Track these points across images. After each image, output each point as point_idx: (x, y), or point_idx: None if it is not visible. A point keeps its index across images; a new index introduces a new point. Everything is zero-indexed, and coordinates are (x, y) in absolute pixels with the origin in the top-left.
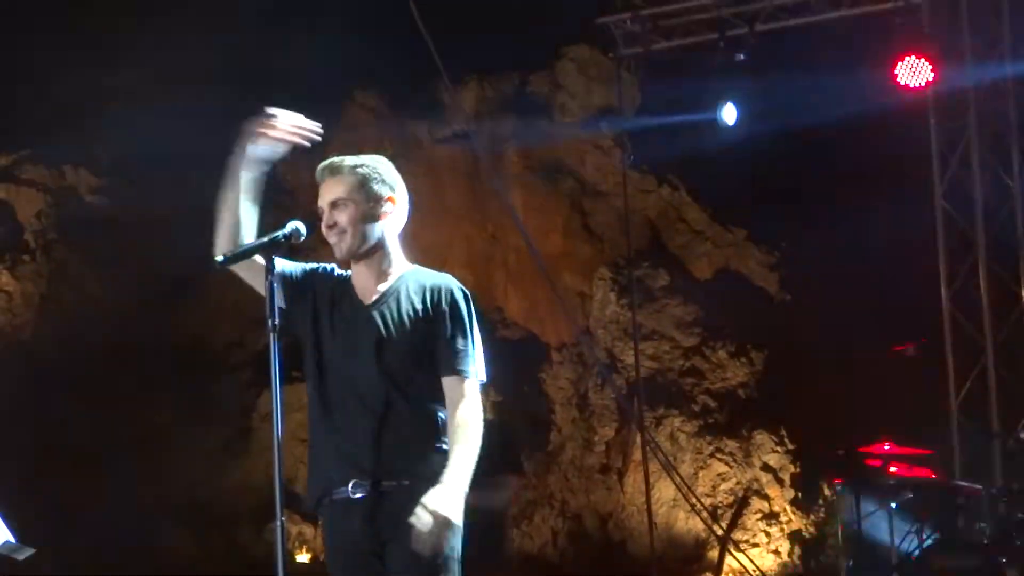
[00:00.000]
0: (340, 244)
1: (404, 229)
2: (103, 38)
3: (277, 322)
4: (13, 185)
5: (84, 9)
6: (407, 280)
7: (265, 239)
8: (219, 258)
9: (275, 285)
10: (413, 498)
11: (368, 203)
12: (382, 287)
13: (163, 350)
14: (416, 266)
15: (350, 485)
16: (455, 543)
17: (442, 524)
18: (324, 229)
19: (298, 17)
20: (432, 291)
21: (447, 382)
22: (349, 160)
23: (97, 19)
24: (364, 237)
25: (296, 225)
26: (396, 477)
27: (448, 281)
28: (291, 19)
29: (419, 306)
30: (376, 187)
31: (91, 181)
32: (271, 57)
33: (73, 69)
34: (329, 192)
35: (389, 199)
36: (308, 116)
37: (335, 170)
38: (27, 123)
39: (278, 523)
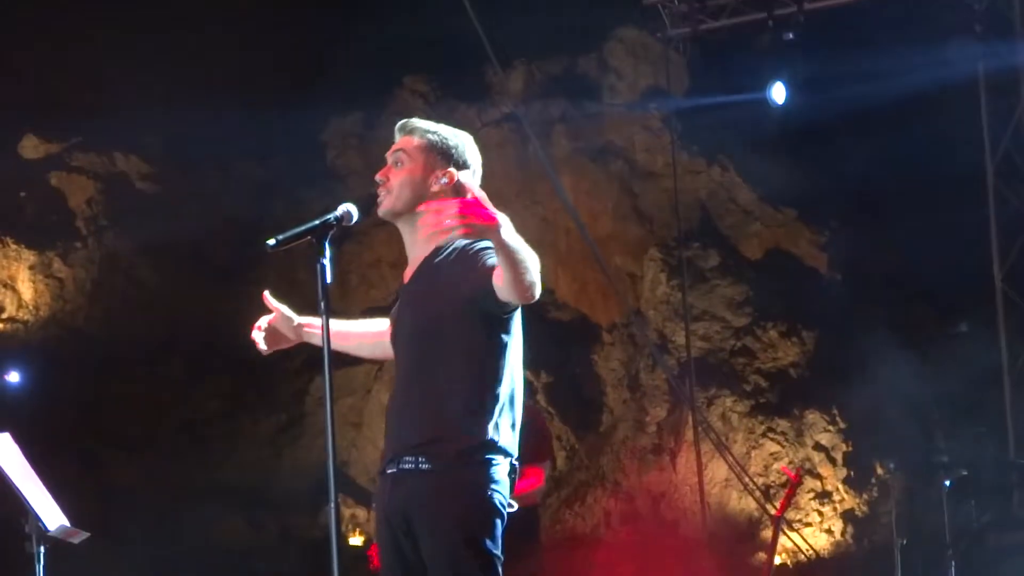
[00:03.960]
0: (383, 200)
1: None
2: (154, 26)
3: (329, 304)
4: (64, 172)
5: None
6: (446, 249)
7: (317, 221)
8: (270, 242)
9: (327, 267)
10: (429, 485)
11: (423, 171)
12: (424, 257)
13: (214, 336)
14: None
15: (387, 459)
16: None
17: None
18: (377, 178)
19: (347, 3)
20: (466, 246)
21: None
22: (424, 125)
23: (147, 8)
24: (407, 202)
25: (348, 207)
26: (420, 457)
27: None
28: (340, 5)
29: (454, 268)
30: (436, 157)
31: (142, 168)
32: (320, 44)
33: (122, 56)
34: (394, 146)
35: (446, 174)
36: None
37: (407, 129)
38: (78, 110)
39: (332, 505)
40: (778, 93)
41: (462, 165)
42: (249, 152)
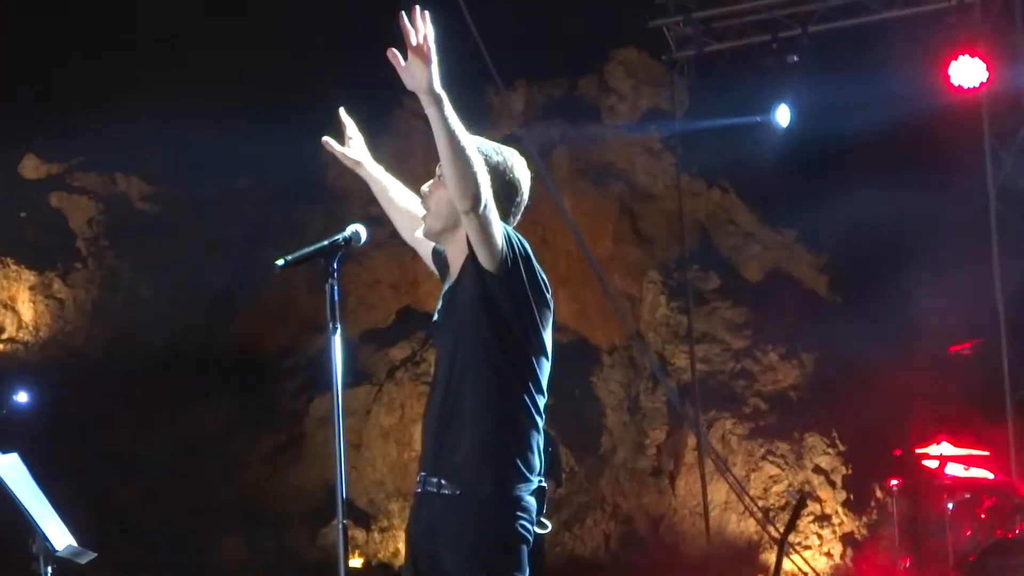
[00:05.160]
0: (424, 219)
1: None
2: (154, 47)
3: (338, 325)
4: (65, 193)
5: (134, 22)
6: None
7: (326, 242)
8: (280, 262)
9: (336, 287)
10: (452, 510)
11: None
12: (456, 273)
13: (214, 356)
14: None
15: (419, 475)
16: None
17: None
18: (422, 189)
19: (348, 23)
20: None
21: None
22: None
23: (148, 29)
24: (444, 220)
25: (356, 228)
26: (441, 479)
27: None
28: (341, 25)
29: (475, 285)
30: None
31: (142, 188)
32: (321, 64)
33: (124, 79)
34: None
35: None
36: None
37: None
38: (79, 131)
39: (340, 524)
40: (782, 115)
41: (505, 183)
42: (249, 173)
